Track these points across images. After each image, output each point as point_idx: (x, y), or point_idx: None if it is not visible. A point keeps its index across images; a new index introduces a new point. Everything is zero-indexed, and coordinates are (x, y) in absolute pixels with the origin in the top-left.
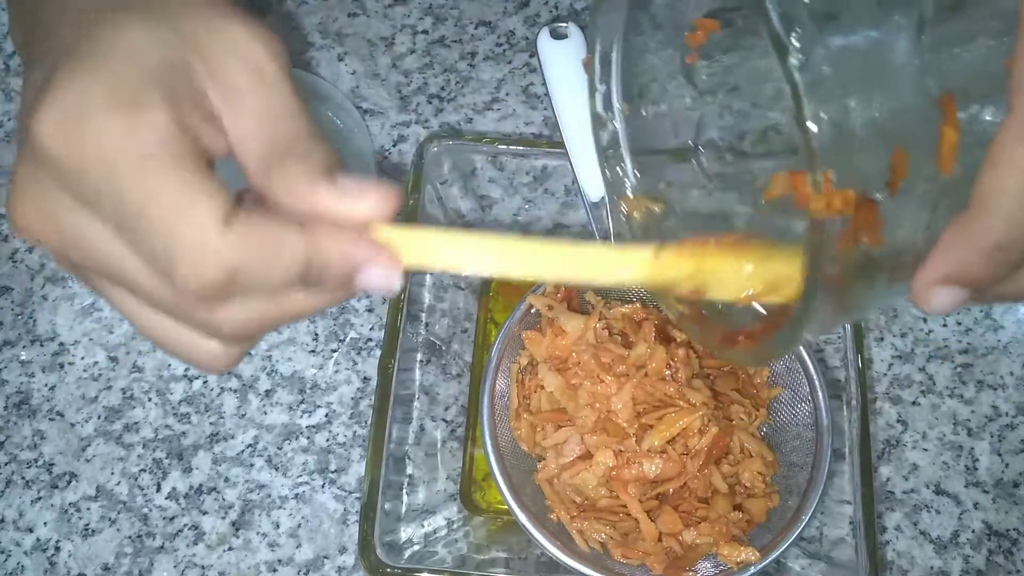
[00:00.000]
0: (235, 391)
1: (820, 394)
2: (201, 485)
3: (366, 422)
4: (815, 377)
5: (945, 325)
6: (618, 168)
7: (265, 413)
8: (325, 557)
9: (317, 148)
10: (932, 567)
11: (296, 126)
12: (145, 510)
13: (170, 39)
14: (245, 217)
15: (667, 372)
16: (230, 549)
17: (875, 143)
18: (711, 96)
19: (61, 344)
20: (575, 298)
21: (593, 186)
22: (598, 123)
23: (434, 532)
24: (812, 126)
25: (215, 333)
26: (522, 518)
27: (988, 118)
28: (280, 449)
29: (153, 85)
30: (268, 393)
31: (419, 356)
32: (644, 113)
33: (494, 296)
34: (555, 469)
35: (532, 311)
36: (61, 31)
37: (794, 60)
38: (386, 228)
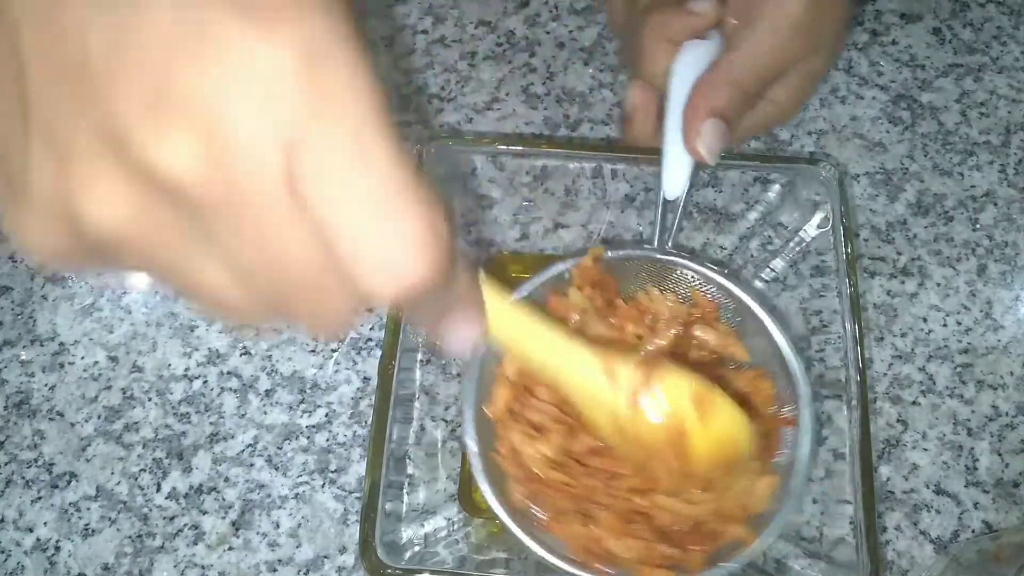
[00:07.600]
0: (235, 391)
1: (802, 389)
2: (201, 485)
3: (366, 422)
4: (790, 356)
5: (945, 325)
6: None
7: (265, 413)
8: (325, 557)
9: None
10: None
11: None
12: (145, 510)
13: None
14: None
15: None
16: (230, 549)
17: None
18: None
19: (61, 344)
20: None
21: (672, 185)
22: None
23: (435, 532)
24: None
25: None
26: (484, 486)
27: None
28: (280, 449)
29: None
30: (268, 393)
31: (419, 356)
32: None
33: None
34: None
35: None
36: None
37: None
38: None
